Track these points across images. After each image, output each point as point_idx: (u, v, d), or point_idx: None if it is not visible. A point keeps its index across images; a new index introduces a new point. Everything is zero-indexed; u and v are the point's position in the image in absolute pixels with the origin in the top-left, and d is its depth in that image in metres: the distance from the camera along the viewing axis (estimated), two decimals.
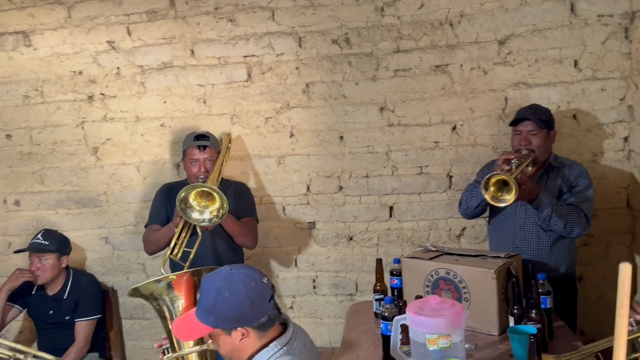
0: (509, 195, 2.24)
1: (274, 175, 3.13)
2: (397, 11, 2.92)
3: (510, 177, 2.21)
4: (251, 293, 1.45)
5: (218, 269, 1.55)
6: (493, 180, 2.26)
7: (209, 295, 1.47)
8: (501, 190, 2.28)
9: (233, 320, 1.46)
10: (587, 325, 2.91)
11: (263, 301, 1.47)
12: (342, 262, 3.15)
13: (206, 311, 1.48)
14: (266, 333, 1.49)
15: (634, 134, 2.79)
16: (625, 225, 2.89)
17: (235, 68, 3.07)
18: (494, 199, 2.28)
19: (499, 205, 2.29)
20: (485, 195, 2.28)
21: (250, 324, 1.46)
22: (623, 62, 2.77)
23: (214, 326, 1.48)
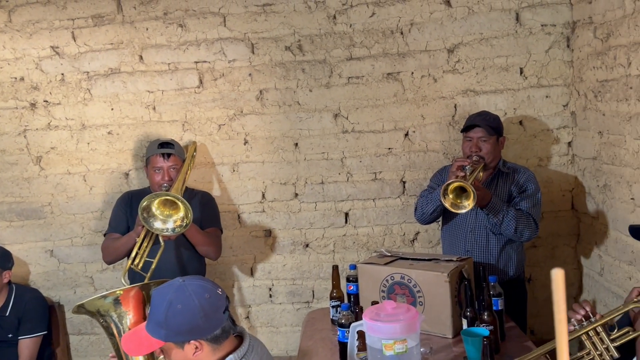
0: (467, 202, 2.29)
1: (228, 183, 3.09)
2: (349, 19, 2.95)
3: (468, 184, 2.26)
4: (205, 304, 1.41)
5: (169, 281, 1.50)
6: (451, 187, 2.31)
7: (160, 308, 1.42)
8: (459, 196, 2.33)
9: (186, 333, 1.41)
10: (536, 324, 3.01)
11: (217, 313, 1.43)
12: (298, 269, 3.13)
13: (157, 324, 1.43)
14: (220, 346, 1.45)
15: (577, 139, 2.91)
16: (571, 227, 3.01)
17: (186, 74, 3.02)
18: (454, 205, 2.32)
19: (458, 211, 2.34)
20: (445, 202, 2.32)
21: (203, 337, 1.42)
22: (566, 70, 2.89)
23: (165, 340, 1.43)
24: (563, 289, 0.71)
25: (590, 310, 1.70)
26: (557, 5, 2.85)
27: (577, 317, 1.70)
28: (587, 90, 2.72)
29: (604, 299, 2.71)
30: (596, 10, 2.56)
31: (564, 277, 0.71)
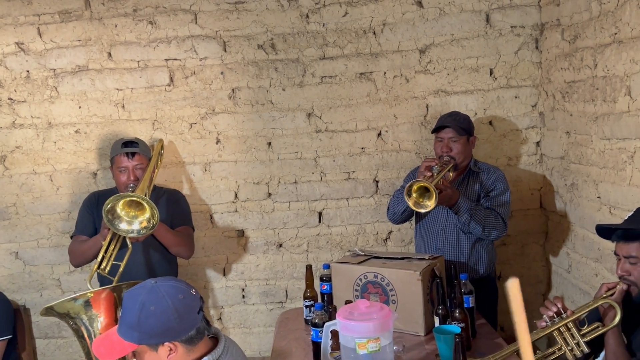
0: (429, 202, 2.32)
1: (200, 183, 3.05)
2: (322, 18, 2.94)
3: (430, 184, 2.28)
4: (178, 305, 1.39)
5: (141, 282, 1.47)
6: (415, 187, 2.33)
7: (133, 311, 1.39)
8: (423, 196, 2.36)
9: (159, 335, 1.39)
10: (507, 321, 3.06)
11: (191, 313, 1.41)
12: (271, 269, 3.11)
13: (129, 327, 1.40)
14: (195, 347, 1.43)
15: (545, 139, 2.97)
16: (539, 225, 3.07)
17: (156, 72, 2.96)
18: (417, 204, 2.35)
19: (420, 210, 2.37)
20: (409, 201, 2.35)
21: (177, 338, 1.40)
22: (534, 71, 2.95)
23: (138, 343, 1.40)
24: (520, 297, 0.73)
25: (562, 306, 1.74)
26: (526, 7, 2.91)
27: (549, 314, 1.73)
28: (555, 91, 2.78)
29: (571, 296, 2.77)
30: (564, 13, 2.61)
31: (518, 285, 0.72)
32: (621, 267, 1.70)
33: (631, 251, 1.66)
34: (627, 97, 2.09)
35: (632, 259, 1.67)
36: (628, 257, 1.68)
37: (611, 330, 1.67)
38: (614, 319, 1.65)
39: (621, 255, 1.71)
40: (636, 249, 1.65)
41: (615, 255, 1.74)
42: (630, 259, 1.67)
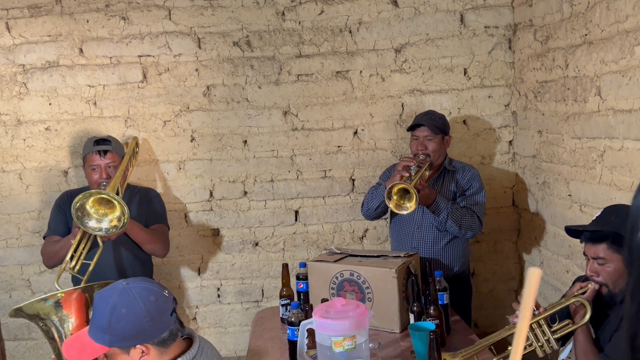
0: (410, 203, 2.34)
1: (174, 181, 3.01)
2: (297, 16, 2.93)
3: (410, 186, 2.30)
4: (151, 307, 1.37)
5: (112, 283, 1.45)
6: (395, 189, 2.35)
7: (104, 313, 1.36)
8: (403, 198, 2.38)
9: (131, 338, 1.36)
10: (480, 318, 3.10)
11: (164, 315, 1.39)
12: (247, 268, 3.09)
13: (100, 330, 1.37)
14: (168, 349, 1.41)
15: (517, 138, 3.02)
16: (512, 222, 3.12)
17: (129, 68, 2.91)
18: (397, 206, 2.37)
19: (401, 212, 2.38)
20: (390, 204, 2.36)
21: (150, 341, 1.38)
22: (507, 71, 2.99)
23: (109, 345, 1.37)
24: (536, 288, 0.74)
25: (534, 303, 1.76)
26: (500, 8, 2.95)
27: None
28: (527, 91, 2.83)
29: (543, 292, 2.83)
30: (536, 14, 2.66)
31: (540, 276, 0.73)
32: (590, 268, 1.74)
33: (599, 252, 1.70)
34: (597, 97, 2.13)
35: (600, 260, 1.70)
36: (596, 258, 1.71)
37: (581, 328, 1.71)
38: (584, 317, 1.69)
39: (589, 256, 1.74)
40: (603, 250, 1.69)
41: (585, 255, 1.78)
42: (599, 260, 1.71)
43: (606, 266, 1.70)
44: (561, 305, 1.75)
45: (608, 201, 2.06)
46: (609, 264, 1.69)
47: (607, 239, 1.69)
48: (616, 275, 1.69)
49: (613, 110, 2.03)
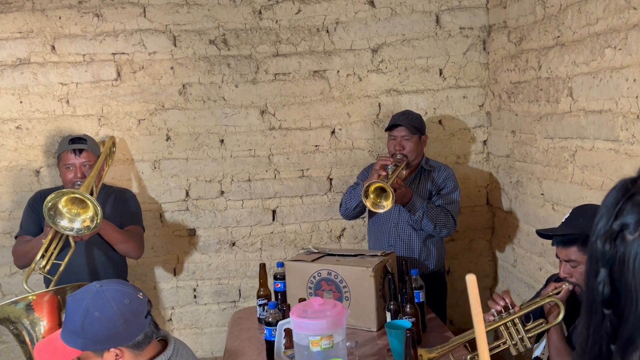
0: (386, 202, 2.36)
1: (149, 181, 2.97)
2: (275, 15, 2.92)
3: (387, 185, 2.31)
4: (125, 310, 1.35)
5: (86, 286, 1.42)
6: (372, 187, 2.36)
7: (77, 316, 1.34)
8: (380, 196, 2.39)
9: (105, 341, 1.34)
10: (455, 315, 3.14)
11: (139, 318, 1.37)
12: (224, 268, 3.07)
13: (73, 333, 1.34)
14: (143, 352, 1.39)
15: (491, 138, 3.07)
16: (486, 221, 3.17)
17: (102, 66, 2.87)
18: (374, 205, 2.38)
19: (378, 211, 2.40)
20: (367, 202, 2.38)
21: (124, 344, 1.36)
22: (482, 72, 3.04)
23: (82, 349, 1.35)
24: (477, 292, 0.75)
25: (510, 301, 1.79)
26: (475, 9, 2.99)
27: (497, 308, 1.79)
28: (501, 92, 2.88)
29: (517, 289, 2.88)
30: (510, 15, 2.70)
31: (476, 281, 0.75)
32: (563, 270, 1.78)
33: (570, 255, 1.74)
34: (569, 98, 2.18)
35: (572, 263, 1.74)
36: (568, 261, 1.75)
37: (554, 327, 1.75)
38: (558, 317, 1.73)
39: (562, 258, 1.78)
40: (574, 253, 1.72)
41: (557, 257, 1.82)
42: (571, 263, 1.74)
43: (578, 268, 1.73)
44: (536, 305, 1.78)
45: (579, 200, 2.10)
46: (581, 266, 1.73)
47: (577, 242, 1.72)
48: None
49: (584, 111, 2.07)
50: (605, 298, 0.75)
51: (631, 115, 1.78)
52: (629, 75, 1.78)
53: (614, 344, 0.74)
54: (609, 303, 0.75)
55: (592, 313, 0.77)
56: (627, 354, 0.72)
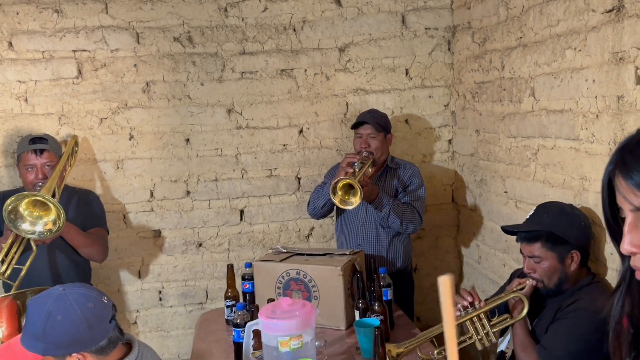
0: (354, 198, 2.37)
1: (112, 181, 2.90)
2: (241, 13, 2.90)
3: (355, 181, 2.33)
4: (88, 314, 1.31)
5: (48, 289, 1.38)
6: (340, 184, 2.37)
7: (38, 320, 1.30)
8: (348, 193, 2.40)
9: (67, 346, 1.30)
10: (422, 312, 3.18)
11: (103, 322, 1.34)
12: (191, 270, 3.03)
13: (34, 338, 1.30)
14: (106, 357, 1.36)
15: (456, 137, 3.12)
16: (451, 218, 3.22)
17: (63, 63, 2.78)
18: (342, 202, 2.39)
19: (346, 207, 2.41)
20: (335, 199, 2.38)
21: (87, 349, 1.32)
22: (447, 72, 3.08)
23: (43, 354, 1.31)
24: (450, 294, 0.76)
25: (475, 297, 1.83)
26: (440, 10, 3.03)
27: (464, 304, 1.82)
28: (465, 92, 2.92)
29: (482, 285, 2.93)
30: (474, 16, 2.75)
31: (451, 283, 0.76)
32: (527, 265, 1.83)
33: (534, 251, 1.79)
34: (531, 98, 2.23)
35: (535, 258, 1.79)
36: (532, 257, 1.80)
37: (519, 321, 1.79)
38: (522, 312, 1.78)
39: (525, 254, 1.83)
40: (538, 249, 1.78)
41: (521, 253, 1.87)
42: (534, 258, 1.79)
43: (541, 263, 1.78)
44: (501, 300, 1.82)
45: (542, 197, 2.16)
46: (544, 262, 1.78)
47: (541, 238, 1.77)
48: (551, 272, 1.78)
49: (546, 110, 2.13)
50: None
51: (591, 114, 1.84)
52: (589, 75, 1.83)
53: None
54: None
55: None
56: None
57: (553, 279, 1.78)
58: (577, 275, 1.80)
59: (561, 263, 1.77)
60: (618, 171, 0.82)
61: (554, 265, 1.77)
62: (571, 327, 1.68)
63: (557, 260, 1.77)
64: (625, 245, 0.82)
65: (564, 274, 1.77)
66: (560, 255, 1.76)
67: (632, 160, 0.80)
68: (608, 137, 1.76)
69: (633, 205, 0.81)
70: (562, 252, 1.76)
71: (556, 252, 1.76)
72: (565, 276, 1.78)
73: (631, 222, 0.81)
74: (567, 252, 1.76)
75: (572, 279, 1.79)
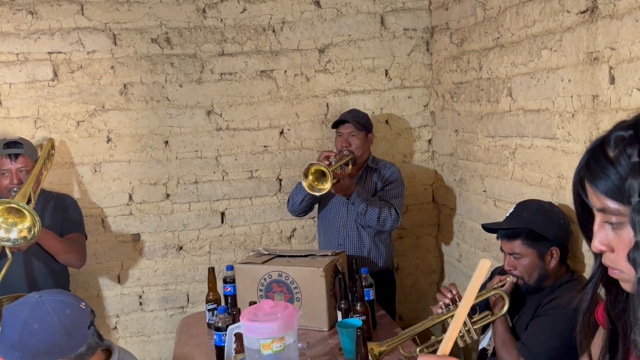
0: (322, 186, 2.37)
1: (89, 185, 2.85)
2: (219, 14, 2.88)
3: (327, 168, 2.33)
4: (66, 321, 1.29)
5: (24, 297, 1.35)
6: (312, 169, 2.38)
7: (14, 329, 1.27)
8: (319, 180, 2.41)
9: (44, 354, 1.28)
10: (404, 310, 3.20)
11: (81, 329, 1.31)
12: (171, 273, 2.99)
13: (10, 347, 1.27)
14: None
15: (436, 137, 3.14)
16: (432, 218, 3.24)
17: (38, 65, 2.73)
18: (310, 187, 2.39)
19: (314, 193, 2.42)
20: (304, 182, 2.38)
21: (65, 356, 1.30)
22: (425, 73, 3.10)
23: None
24: (484, 277, 0.77)
25: (456, 294, 1.84)
26: (418, 11, 3.05)
27: (445, 301, 1.83)
28: (444, 92, 2.95)
29: (462, 283, 2.96)
30: (452, 17, 2.78)
31: (489, 267, 0.77)
32: (507, 263, 1.85)
33: (514, 248, 1.81)
34: (508, 98, 2.26)
35: (515, 255, 1.82)
36: (512, 254, 1.82)
37: (500, 318, 1.81)
38: (503, 309, 1.80)
39: (506, 251, 1.85)
40: (518, 246, 1.80)
41: (502, 250, 1.89)
42: (514, 255, 1.82)
43: (521, 260, 1.81)
44: (482, 297, 1.84)
45: (520, 196, 2.18)
46: (524, 259, 1.80)
47: (521, 235, 1.80)
48: (531, 269, 1.80)
49: (523, 110, 2.15)
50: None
51: (567, 114, 1.87)
52: (564, 75, 1.86)
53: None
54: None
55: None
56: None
57: (533, 276, 1.81)
58: (557, 272, 1.82)
59: (541, 260, 1.79)
60: (584, 174, 0.84)
61: (534, 262, 1.79)
62: (551, 324, 1.70)
63: (537, 257, 1.79)
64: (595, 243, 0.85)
65: (544, 270, 1.80)
66: (540, 252, 1.79)
67: (595, 166, 0.82)
68: (584, 135, 1.79)
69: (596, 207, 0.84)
70: (541, 249, 1.79)
71: (536, 249, 1.79)
72: (545, 273, 1.80)
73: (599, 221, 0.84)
74: (546, 249, 1.79)
75: (551, 275, 1.81)
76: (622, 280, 0.86)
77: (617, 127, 0.83)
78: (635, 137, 0.79)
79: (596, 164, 0.82)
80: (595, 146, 0.84)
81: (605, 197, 0.81)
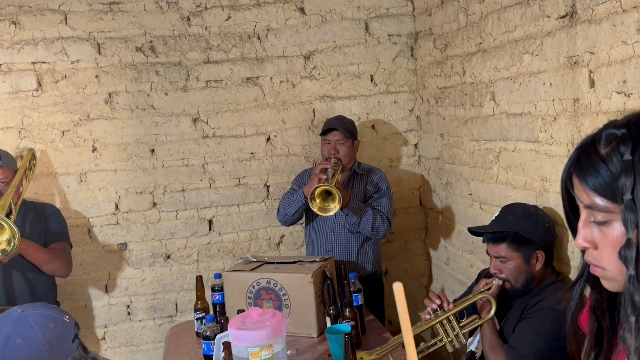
0: (333, 204, 2.38)
1: (75, 195, 2.83)
2: (204, 21, 2.88)
3: (332, 187, 2.34)
4: (49, 336, 1.27)
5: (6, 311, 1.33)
6: (318, 191, 2.37)
7: None
8: (326, 200, 2.41)
9: None
10: (393, 315, 3.20)
11: (65, 342, 1.30)
12: (159, 282, 2.98)
13: None
14: None
15: (422, 141, 3.16)
16: (420, 221, 3.26)
17: (21, 75, 2.71)
18: (322, 209, 2.39)
19: (326, 214, 2.42)
20: (313, 207, 2.38)
21: None
22: (410, 78, 3.13)
23: None
24: (404, 300, 0.77)
25: (444, 299, 1.85)
26: (402, 17, 3.07)
27: (433, 307, 1.84)
28: (429, 97, 2.97)
29: (450, 286, 2.97)
30: (435, 23, 2.80)
31: (402, 289, 0.77)
32: (493, 266, 1.86)
33: (500, 252, 1.83)
34: (492, 102, 2.28)
35: (501, 259, 1.83)
36: (498, 257, 1.84)
37: (487, 322, 1.82)
38: (490, 312, 1.81)
39: (492, 255, 1.86)
40: (504, 249, 1.82)
41: (488, 254, 1.90)
42: (500, 259, 1.83)
43: (507, 264, 1.82)
44: (469, 302, 1.85)
45: (505, 199, 2.20)
46: (510, 262, 1.82)
47: (506, 239, 1.81)
48: (517, 272, 1.82)
49: (506, 114, 2.18)
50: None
51: (549, 117, 1.89)
52: (546, 79, 1.89)
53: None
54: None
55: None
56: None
57: (520, 279, 1.82)
58: (543, 274, 1.84)
59: (527, 263, 1.81)
60: (573, 170, 0.85)
61: (519, 265, 1.81)
62: (537, 326, 1.71)
63: (523, 260, 1.81)
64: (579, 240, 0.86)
65: (530, 273, 1.82)
66: (526, 255, 1.80)
67: (586, 162, 0.83)
68: (566, 138, 1.81)
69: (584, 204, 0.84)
70: (527, 252, 1.80)
71: (522, 252, 1.80)
72: (531, 276, 1.82)
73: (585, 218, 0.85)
74: (532, 252, 1.80)
75: (537, 278, 1.83)
76: (603, 277, 0.86)
77: (608, 125, 0.83)
78: (628, 135, 0.79)
79: (587, 161, 0.82)
80: (586, 143, 0.84)
81: (594, 194, 0.81)
